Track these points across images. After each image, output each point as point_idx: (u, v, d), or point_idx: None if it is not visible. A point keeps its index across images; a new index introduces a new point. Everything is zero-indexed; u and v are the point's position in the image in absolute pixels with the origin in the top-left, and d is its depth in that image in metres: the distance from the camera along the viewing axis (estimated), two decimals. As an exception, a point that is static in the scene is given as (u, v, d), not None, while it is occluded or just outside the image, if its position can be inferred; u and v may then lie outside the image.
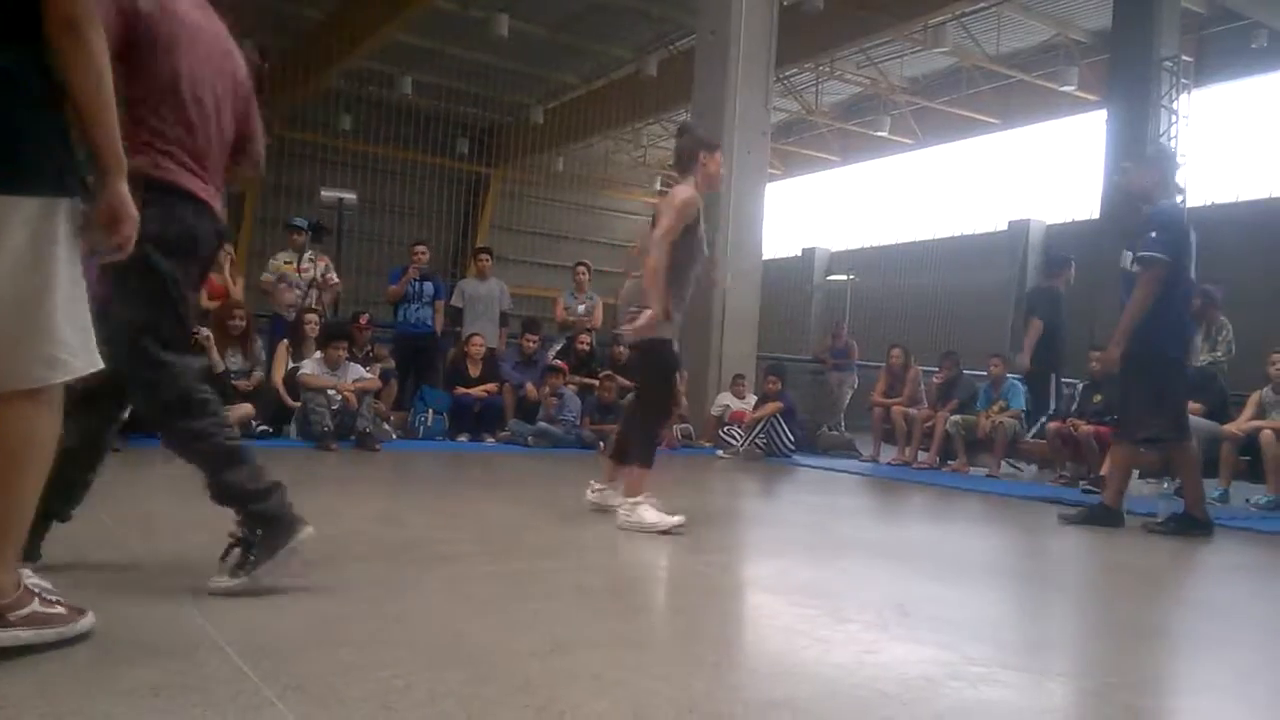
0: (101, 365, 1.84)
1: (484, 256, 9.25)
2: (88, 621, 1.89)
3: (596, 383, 8.68)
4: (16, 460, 1.76)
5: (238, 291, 7.68)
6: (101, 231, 1.85)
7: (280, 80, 17.65)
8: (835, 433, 9.87)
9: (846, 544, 4.05)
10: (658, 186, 25.11)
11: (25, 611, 1.80)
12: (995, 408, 7.93)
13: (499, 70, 17.61)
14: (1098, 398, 7.29)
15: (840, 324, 13.47)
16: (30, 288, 1.72)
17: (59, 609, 1.86)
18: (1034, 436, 7.95)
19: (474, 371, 8.33)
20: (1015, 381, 8.12)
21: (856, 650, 2.19)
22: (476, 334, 8.46)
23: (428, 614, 2.29)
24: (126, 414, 2.60)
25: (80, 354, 1.79)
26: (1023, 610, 3.03)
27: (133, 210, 1.87)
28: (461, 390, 8.22)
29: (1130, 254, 4.76)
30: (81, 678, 1.68)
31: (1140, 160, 5.54)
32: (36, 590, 1.86)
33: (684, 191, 3.95)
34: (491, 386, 8.34)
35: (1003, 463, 7.94)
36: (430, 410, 8.13)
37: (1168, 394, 4.71)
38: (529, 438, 7.96)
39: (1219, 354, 7.18)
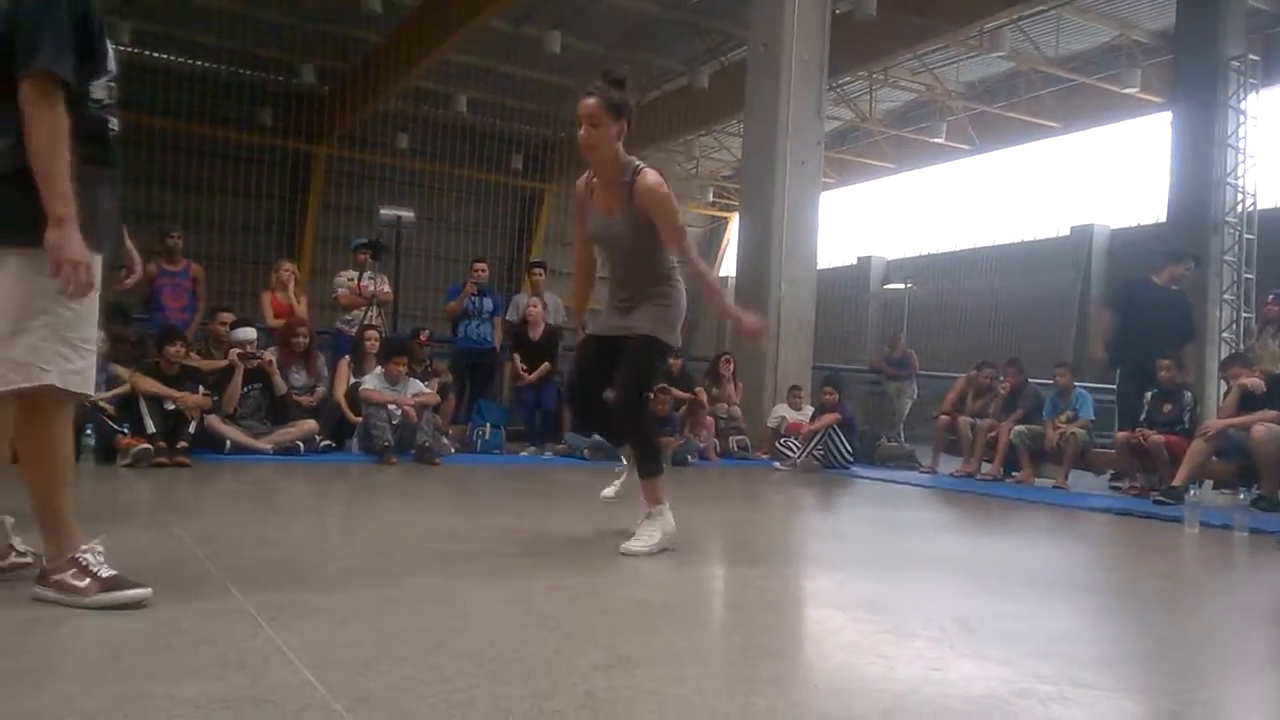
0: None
1: (538, 271, 9.33)
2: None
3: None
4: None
5: (301, 310, 7.87)
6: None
7: (341, 103, 18.10)
8: (895, 444, 9.73)
9: (908, 557, 3.99)
10: (710, 198, 25.11)
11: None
12: (1062, 417, 7.75)
13: (551, 86, 17.80)
14: (1167, 406, 7.07)
15: (898, 333, 13.29)
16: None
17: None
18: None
19: (534, 335, 8.55)
20: (1084, 390, 7.92)
21: (921, 667, 2.15)
22: (533, 302, 8.66)
23: (490, 627, 2.31)
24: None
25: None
26: (1093, 625, 2.95)
27: (70, 255, 2.13)
28: (523, 372, 8.41)
29: None
30: (151, 690, 1.72)
31: None
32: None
33: (656, 176, 3.43)
34: (547, 367, 8.48)
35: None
36: (488, 424, 8.23)
37: None
38: (585, 450, 8.00)
39: None
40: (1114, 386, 8.19)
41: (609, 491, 3.85)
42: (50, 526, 2.28)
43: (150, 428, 5.77)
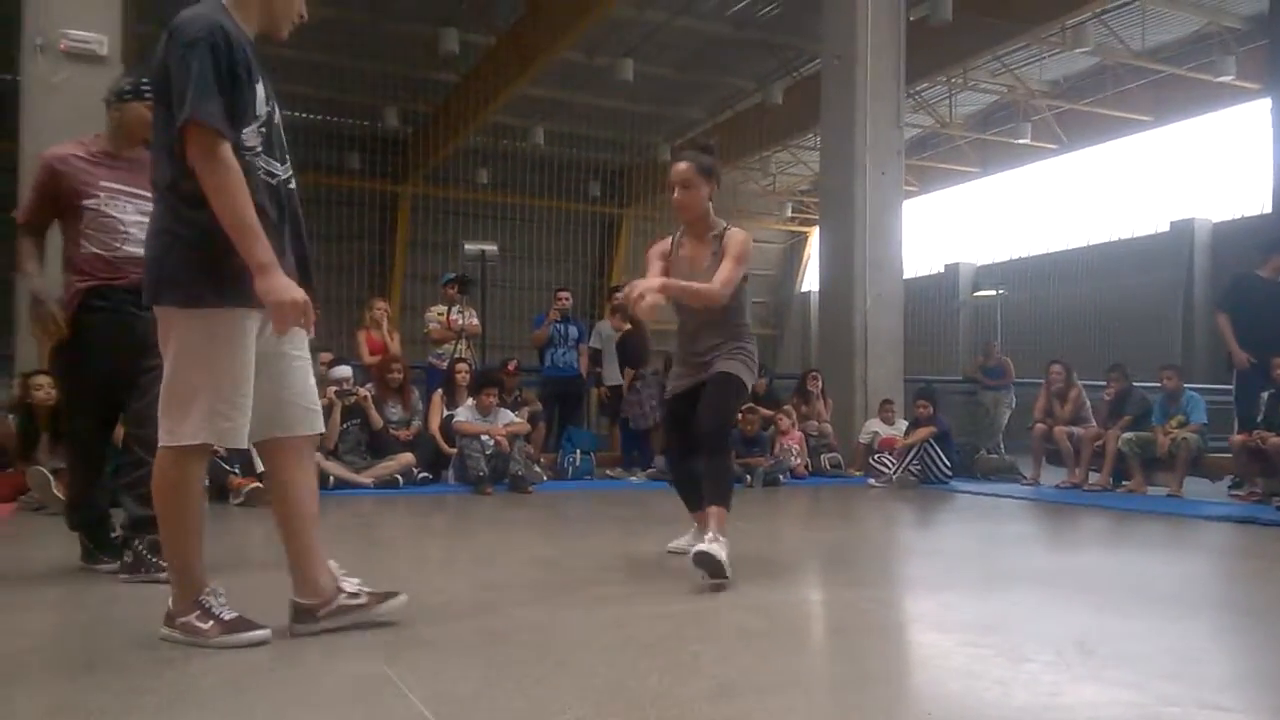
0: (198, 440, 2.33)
1: (618, 297, 9.36)
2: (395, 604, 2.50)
3: (740, 417, 8.63)
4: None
5: (395, 346, 8.09)
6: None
7: (423, 142, 18.64)
8: (994, 456, 9.46)
9: (1015, 575, 3.86)
10: (788, 213, 24.96)
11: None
12: (1173, 422, 7.41)
13: (626, 113, 18.00)
14: (1289, 407, 6.70)
15: (991, 341, 12.94)
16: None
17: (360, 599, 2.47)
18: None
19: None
20: (1194, 393, 7.56)
21: (1039, 693, 2.07)
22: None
23: (593, 657, 2.32)
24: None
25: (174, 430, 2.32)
26: (1219, 643, 2.80)
27: (281, 297, 2.22)
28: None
29: None
30: (280, 724, 1.78)
31: None
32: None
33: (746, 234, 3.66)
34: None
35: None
36: (578, 450, 8.31)
37: None
38: (676, 474, 7.98)
39: None
40: (1226, 388, 7.80)
41: (680, 544, 3.86)
42: (179, 570, 2.37)
43: (260, 467, 6.00)
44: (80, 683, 2.06)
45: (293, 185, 2.48)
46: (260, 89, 2.32)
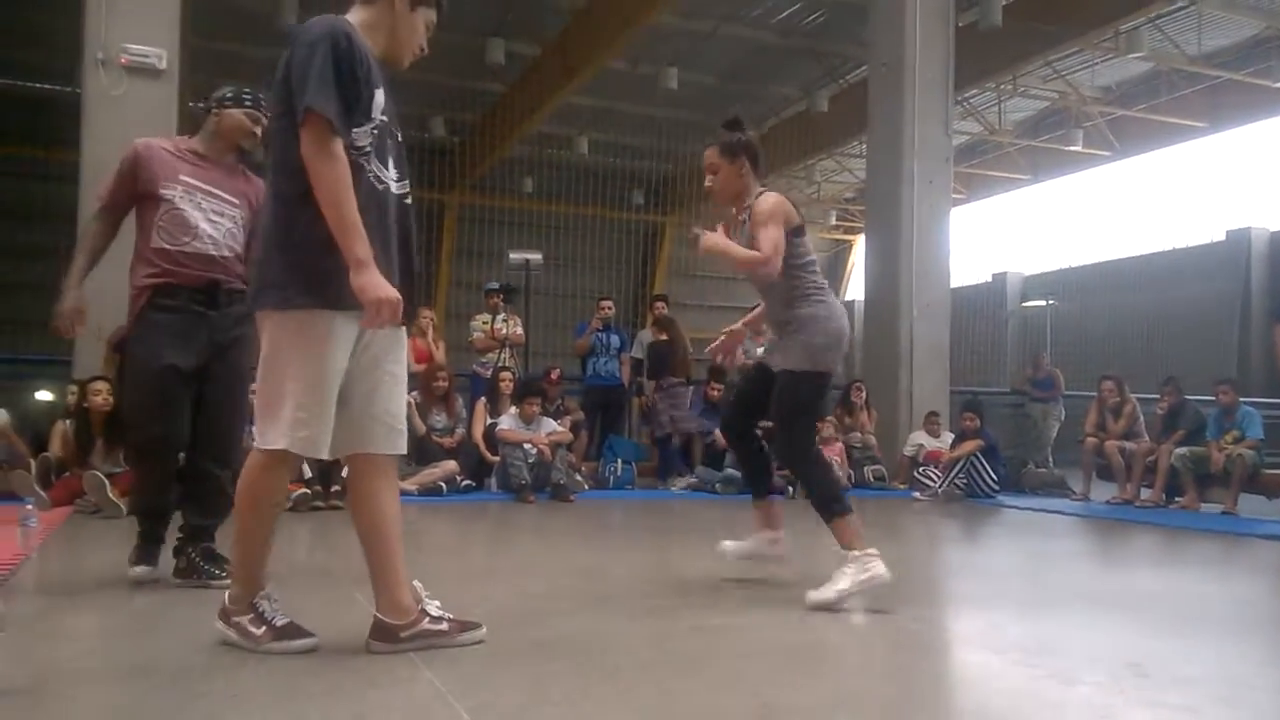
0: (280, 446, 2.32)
1: (659, 304, 9.39)
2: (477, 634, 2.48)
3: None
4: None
5: (440, 355, 8.17)
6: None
7: (469, 152, 18.84)
8: (1043, 470, 9.29)
9: (1065, 594, 3.78)
10: (832, 221, 24.78)
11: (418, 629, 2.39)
12: (1228, 437, 7.22)
13: (669, 121, 18.01)
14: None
15: (1041, 353, 12.69)
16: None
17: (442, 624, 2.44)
18: None
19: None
20: (1250, 408, 7.37)
21: (1093, 716, 2.03)
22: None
23: (635, 671, 2.32)
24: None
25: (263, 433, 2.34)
26: (1275, 666, 2.72)
27: (376, 294, 2.21)
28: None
29: None
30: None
31: None
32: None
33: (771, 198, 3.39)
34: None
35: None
36: (619, 460, 8.32)
37: None
38: (717, 485, 7.97)
39: None
40: (1286, 402, 7.59)
41: (729, 545, 3.70)
42: (243, 569, 2.42)
43: (307, 473, 6.09)
44: (135, 686, 2.11)
45: (408, 201, 2.49)
46: (379, 96, 2.35)
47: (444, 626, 2.43)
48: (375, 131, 2.35)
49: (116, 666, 2.28)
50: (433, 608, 2.45)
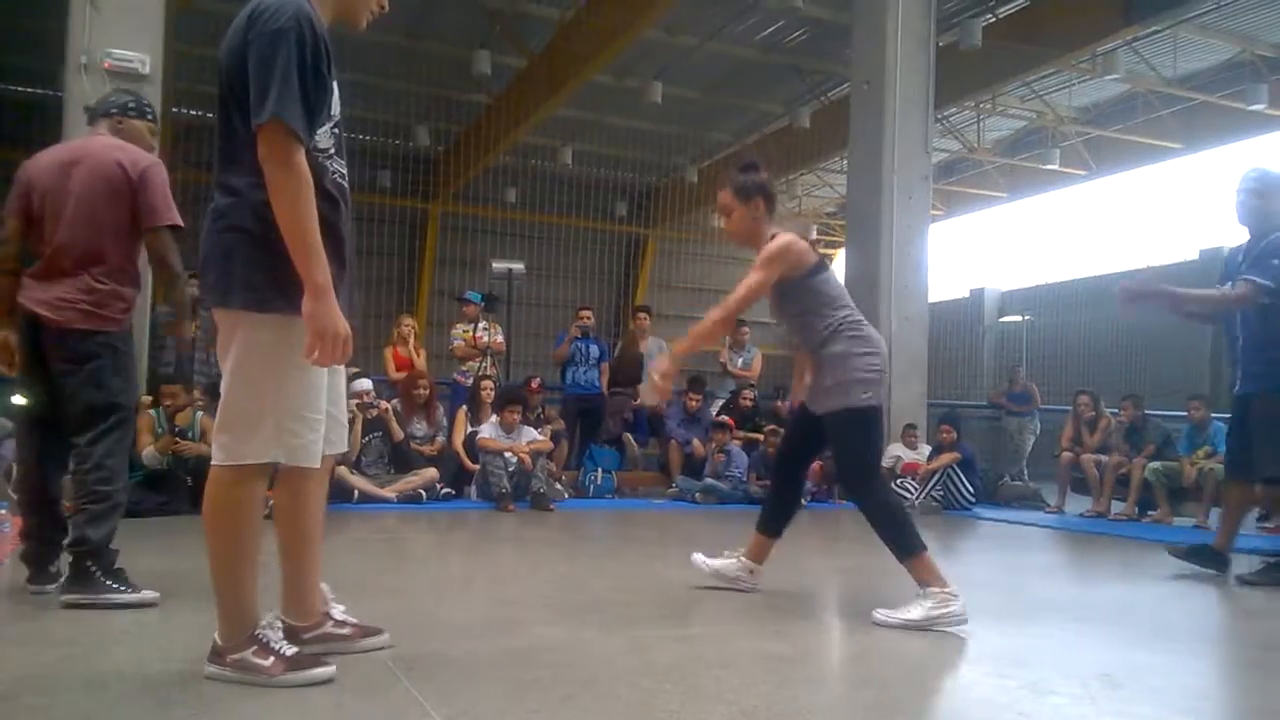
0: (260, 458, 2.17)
1: (641, 315, 9.42)
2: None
3: (761, 437, 8.62)
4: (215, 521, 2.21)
5: (421, 362, 8.16)
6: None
7: (453, 161, 18.85)
8: (1018, 483, 9.36)
9: (1040, 606, 3.82)
10: (813, 235, 24.97)
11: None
12: (1200, 453, 7.33)
13: (653, 134, 18.10)
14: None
15: (1017, 367, 12.83)
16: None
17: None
18: None
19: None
20: (1222, 424, 7.46)
21: (1062, 726, 2.06)
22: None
23: (614, 680, 2.33)
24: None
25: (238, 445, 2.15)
26: (1248, 677, 2.77)
27: (329, 327, 2.07)
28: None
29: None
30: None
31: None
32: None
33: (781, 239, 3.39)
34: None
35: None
36: (599, 469, 8.33)
37: None
38: (696, 494, 7.99)
39: None
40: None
41: (702, 560, 3.70)
42: (231, 600, 2.17)
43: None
44: (107, 694, 2.10)
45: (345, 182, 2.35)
46: (334, 86, 2.21)
47: (346, 632, 2.46)
48: (335, 130, 2.24)
49: (89, 674, 2.26)
50: (338, 612, 2.47)
